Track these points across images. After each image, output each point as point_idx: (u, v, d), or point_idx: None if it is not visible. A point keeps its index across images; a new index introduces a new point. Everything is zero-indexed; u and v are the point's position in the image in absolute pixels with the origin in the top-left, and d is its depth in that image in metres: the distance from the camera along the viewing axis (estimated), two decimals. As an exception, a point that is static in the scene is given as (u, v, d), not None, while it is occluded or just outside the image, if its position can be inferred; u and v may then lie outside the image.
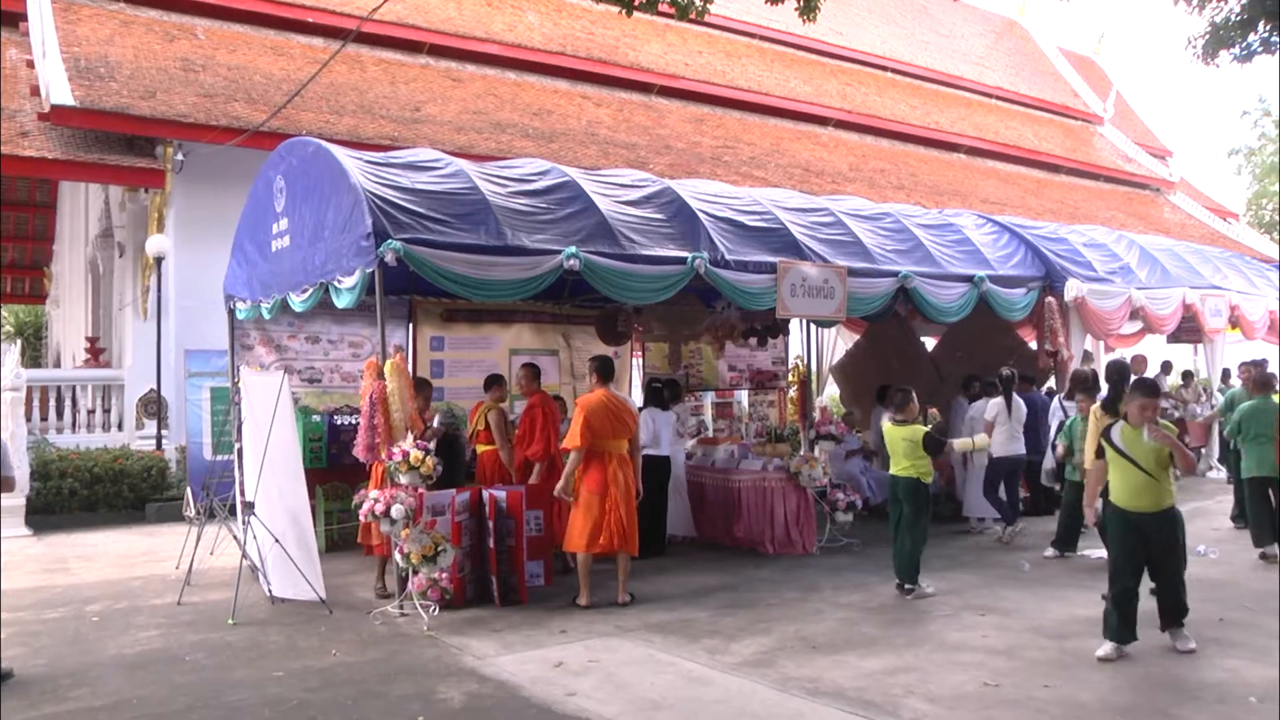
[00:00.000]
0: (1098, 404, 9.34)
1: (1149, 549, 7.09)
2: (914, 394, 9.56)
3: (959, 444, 11.42)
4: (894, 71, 31.13)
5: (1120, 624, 7.03)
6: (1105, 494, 7.47)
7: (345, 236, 8.64)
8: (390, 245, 8.10)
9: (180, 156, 15.94)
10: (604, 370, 9.24)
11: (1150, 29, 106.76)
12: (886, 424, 9.48)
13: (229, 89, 16.96)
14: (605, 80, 23.32)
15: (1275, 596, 8.90)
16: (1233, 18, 10.30)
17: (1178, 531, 7.18)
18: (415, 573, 8.28)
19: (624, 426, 9.02)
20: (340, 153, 9.17)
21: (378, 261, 8.12)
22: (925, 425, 9.56)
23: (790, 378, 15.42)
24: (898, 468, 9.21)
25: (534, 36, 22.88)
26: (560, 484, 8.89)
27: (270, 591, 9.06)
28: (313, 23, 19.66)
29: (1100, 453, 7.43)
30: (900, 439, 9.15)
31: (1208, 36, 10.54)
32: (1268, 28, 10.24)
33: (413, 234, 8.34)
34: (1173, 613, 7.21)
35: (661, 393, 11.57)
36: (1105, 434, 7.30)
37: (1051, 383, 13.78)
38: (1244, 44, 10.40)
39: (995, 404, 11.94)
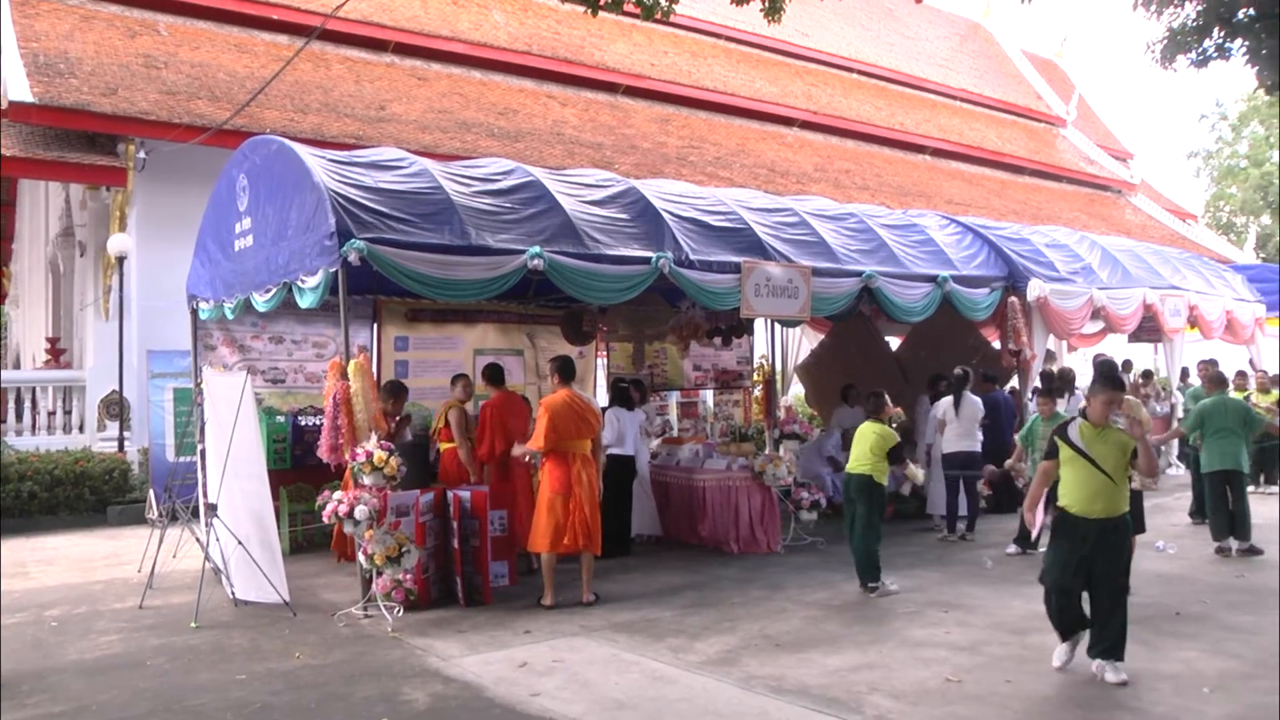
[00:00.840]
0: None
1: (1092, 560, 6.42)
2: (886, 396, 9.66)
3: (908, 473, 11.30)
4: (859, 73, 31.25)
5: (1075, 622, 6.64)
6: (1051, 498, 6.99)
7: (308, 236, 8.60)
8: (354, 245, 8.07)
9: (142, 154, 15.79)
10: (565, 370, 9.22)
11: (1111, 33, 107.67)
12: (864, 423, 9.50)
13: (192, 86, 16.83)
14: (571, 80, 23.31)
15: (1230, 590, 9.07)
16: (1189, 24, 10.40)
17: (1125, 542, 6.66)
18: (379, 574, 8.25)
19: (587, 426, 9.03)
20: (303, 151, 9.13)
21: (341, 261, 8.10)
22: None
23: (755, 377, 15.48)
24: (855, 464, 9.26)
25: (499, 35, 22.83)
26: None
27: (233, 594, 8.99)
28: (277, 20, 19.53)
29: (1052, 452, 6.75)
30: (873, 433, 9.21)
31: (1165, 42, 10.63)
32: (1221, 34, 10.35)
33: (376, 233, 8.32)
34: (1110, 641, 6.43)
35: (627, 392, 11.58)
36: (1061, 432, 6.68)
37: (1014, 381, 13.90)
38: (1200, 49, 10.50)
39: (944, 403, 12.05)
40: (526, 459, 9.56)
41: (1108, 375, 6.73)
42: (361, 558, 8.25)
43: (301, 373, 12.46)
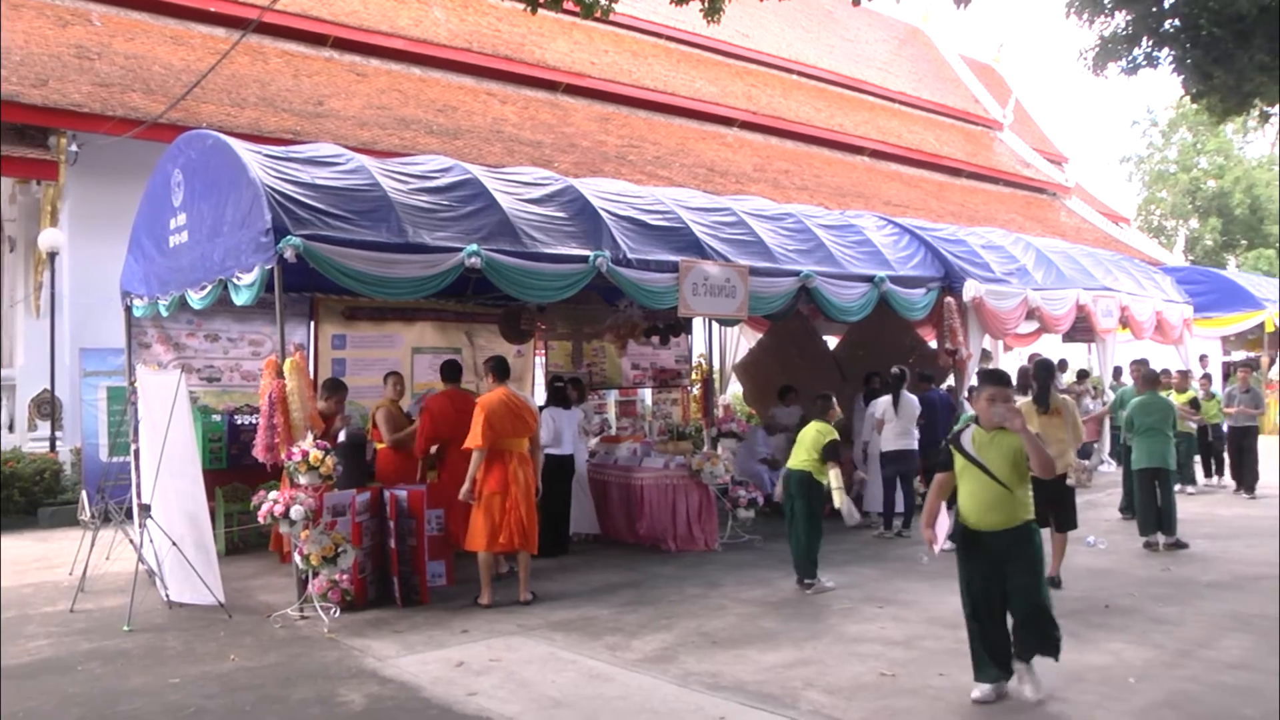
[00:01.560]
0: (1029, 398, 9.49)
1: (1004, 574, 5.95)
2: (834, 399, 9.75)
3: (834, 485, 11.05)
4: (799, 74, 31.45)
5: (990, 661, 6.06)
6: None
7: (244, 232, 8.52)
8: (290, 241, 8.00)
9: (74, 148, 15.55)
10: (500, 370, 9.26)
11: (1047, 40, 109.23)
12: (813, 424, 9.57)
13: (126, 78, 16.59)
14: (511, 77, 23.26)
15: (1157, 583, 9.29)
16: (1119, 32, 10.59)
17: (1035, 552, 6.00)
18: (315, 574, 8.20)
19: (524, 425, 9.05)
20: (239, 146, 9.04)
21: (277, 258, 8.02)
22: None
23: (693, 376, 15.54)
24: (795, 460, 9.34)
25: (439, 32, 22.73)
26: (464, 488, 8.83)
27: (168, 596, 8.87)
28: (214, 12, 19.29)
29: (947, 462, 6.30)
30: (815, 430, 9.30)
31: (1097, 49, 10.81)
32: (1150, 43, 10.55)
33: (313, 230, 8.25)
34: (1035, 644, 6.04)
35: (564, 391, 11.59)
36: (955, 439, 6.22)
37: (950, 380, 14.06)
38: (1130, 58, 10.70)
39: (882, 402, 12.18)
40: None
41: (988, 371, 6.36)
42: (297, 558, 8.18)
43: (238, 371, 12.35)
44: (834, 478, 9.17)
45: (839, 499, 9.20)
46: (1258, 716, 5.76)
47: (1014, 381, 6.62)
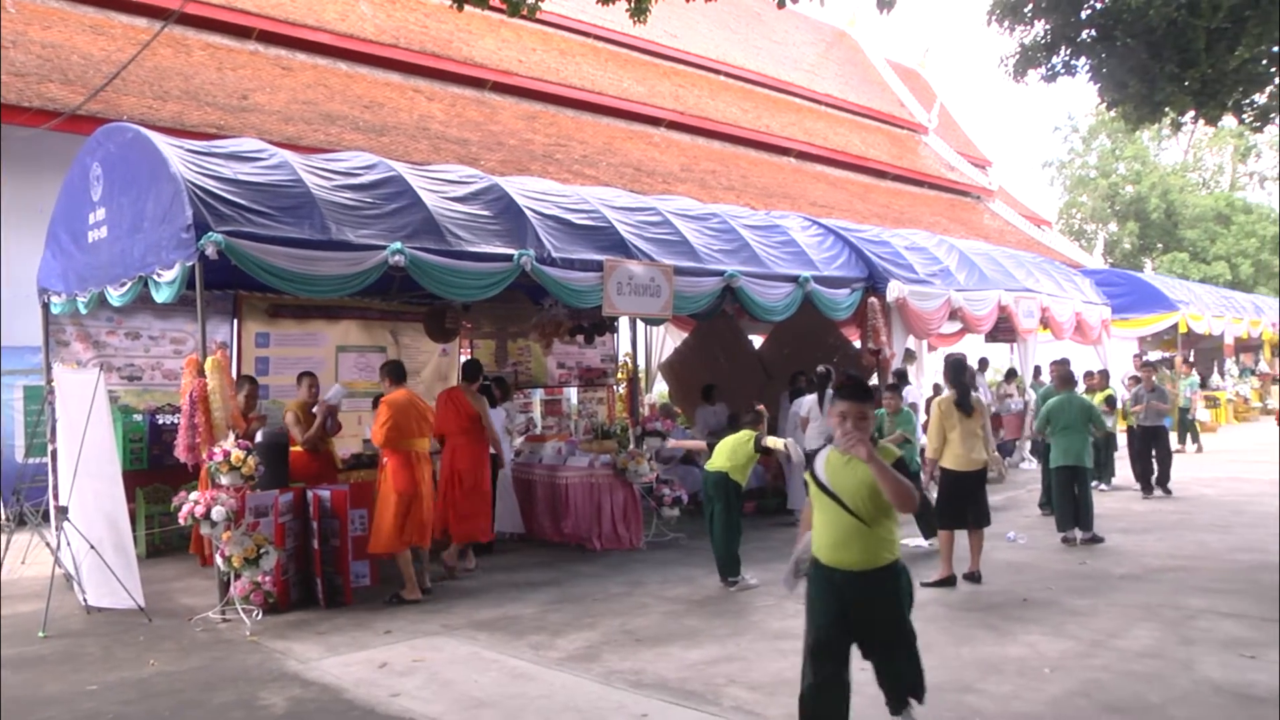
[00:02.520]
0: (948, 395, 9.69)
1: (858, 621, 4.93)
2: (764, 413, 9.94)
3: (771, 441, 11.51)
4: (727, 75, 31.60)
5: (831, 711, 5.03)
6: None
7: (165, 228, 8.43)
8: (211, 238, 7.92)
9: (-12, 140, 15.23)
10: (396, 373, 9.50)
11: (971, 46, 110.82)
12: (743, 433, 9.69)
13: (43, 68, 16.24)
14: (438, 74, 23.12)
15: (1074, 576, 9.52)
16: (1039, 41, 10.83)
17: (899, 598, 4.98)
18: (237, 576, 8.13)
19: (427, 424, 9.39)
20: (160, 140, 8.94)
21: (198, 255, 7.95)
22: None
23: (619, 375, 15.59)
24: (714, 463, 9.47)
25: (366, 27, 22.54)
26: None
27: (85, 601, 8.73)
28: (136, 0, 18.98)
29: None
30: (735, 436, 9.44)
31: (1017, 57, 11.05)
32: (1068, 52, 10.80)
33: (235, 226, 8.18)
34: (904, 691, 5.17)
35: (489, 390, 11.58)
36: (809, 464, 5.10)
37: (874, 380, 14.23)
38: (1049, 66, 10.94)
39: (808, 401, 12.31)
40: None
41: (845, 381, 5.02)
42: (219, 560, 8.12)
43: (159, 370, 12.20)
44: (770, 442, 9.58)
45: (777, 443, 9.67)
46: (1163, 702, 5.95)
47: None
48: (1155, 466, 14.89)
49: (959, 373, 9.77)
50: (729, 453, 9.39)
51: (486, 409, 10.58)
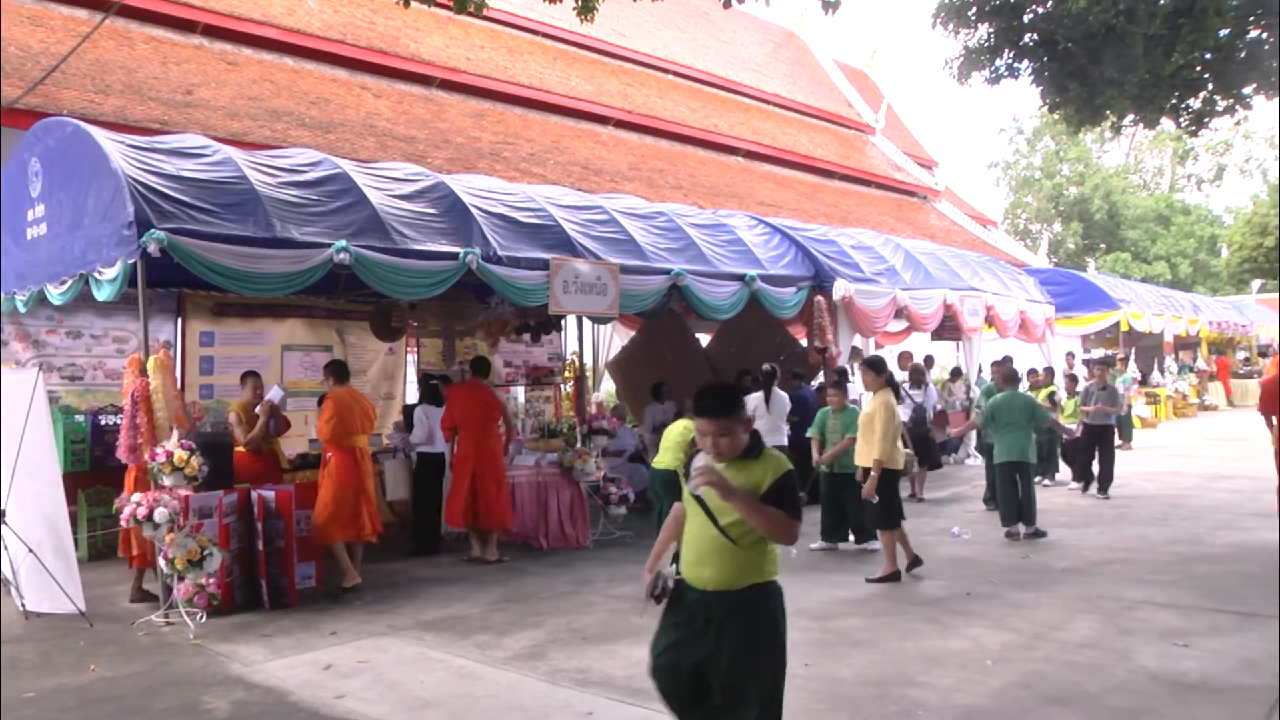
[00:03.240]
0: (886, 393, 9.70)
1: (715, 652, 4.04)
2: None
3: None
4: (675, 74, 31.61)
5: None
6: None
7: (106, 225, 8.34)
8: (153, 235, 7.85)
9: (-76, 134, 14.96)
10: (339, 372, 9.68)
11: (919, 47, 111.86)
12: (682, 420, 9.74)
13: (-21, 63, 16.01)
14: (385, 71, 22.96)
15: (1017, 570, 9.66)
16: (983, 44, 10.97)
17: (762, 628, 4.08)
18: (181, 579, 8.05)
19: (369, 421, 9.62)
20: (100, 135, 8.84)
21: (140, 252, 7.87)
22: None
23: (566, 374, 15.59)
24: (662, 460, 9.51)
25: (313, 22, 22.35)
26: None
27: (23, 606, 8.60)
28: (76, -7, 18.71)
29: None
30: (682, 427, 9.48)
31: (962, 59, 11.20)
32: (1011, 55, 10.96)
33: (178, 224, 8.11)
34: None
35: (437, 389, 11.56)
36: (686, 465, 4.35)
37: (821, 377, 14.35)
38: (993, 68, 11.10)
39: (754, 398, 12.36)
40: None
41: (702, 392, 4.30)
42: (162, 563, 8.03)
43: (101, 369, 12.05)
44: None
45: None
46: (1100, 691, 6.07)
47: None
48: (1098, 466, 14.80)
49: (880, 370, 9.75)
50: (675, 447, 9.42)
51: (505, 402, 11.04)
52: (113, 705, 6.29)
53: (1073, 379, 16.84)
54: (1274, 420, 12.06)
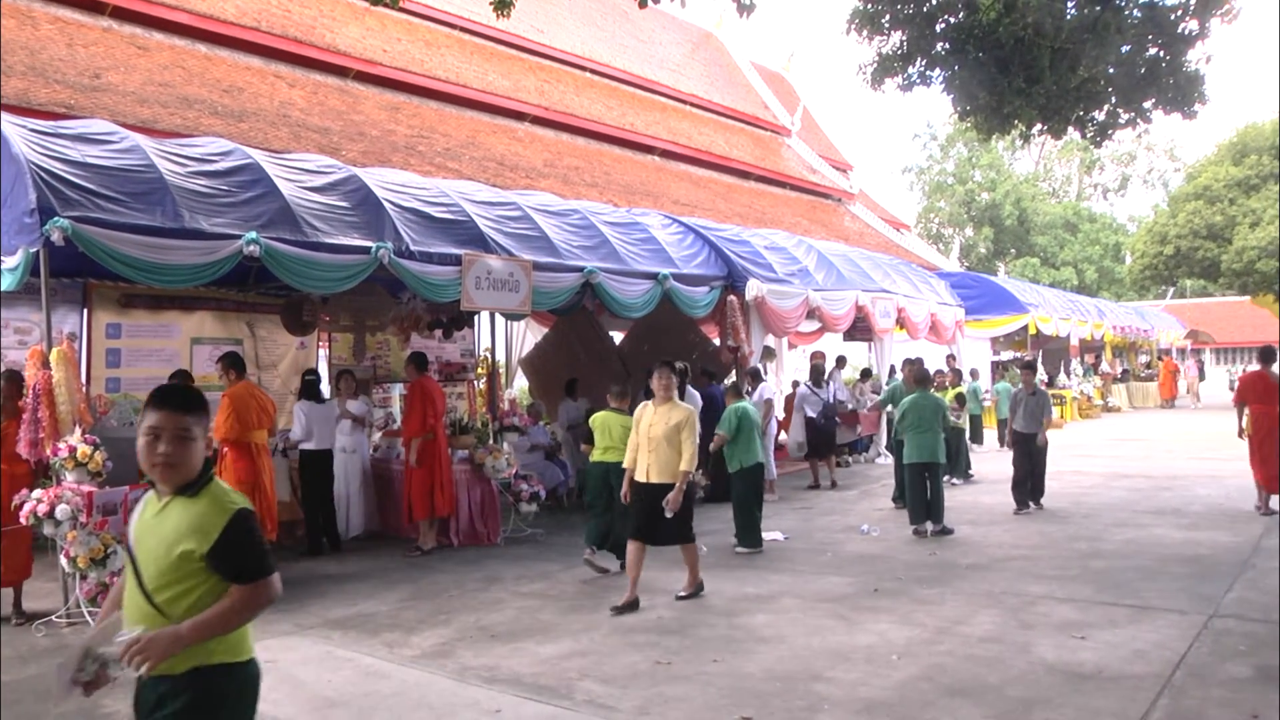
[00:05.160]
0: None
1: None
2: (627, 390, 10.01)
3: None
4: (592, 72, 31.62)
5: None
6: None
7: (7, 212, 8.14)
8: (57, 223, 7.67)
9: None
10: (236, 365, 9.71)
11: (835, 52, 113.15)
12: (605, 412, 9.73)
13: (-126, 44, 15.54)
14: (300, 60, 22.66)
15: (923, 566, 9.86)
16: (896, 51, 11.16)
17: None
18: (84, 577, 7.89)
19: (267, 416, 9.62)
20: (2, 119, 8.61)
21: (43, 240, 7.69)
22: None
23: (479, 370, 15.54)
24: (600, 455, 9.54)
25: (227, 8, 21.98)
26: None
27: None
28: (-23, -25, 18.24)
29: None
30: (619, 425, 9.46)
31: (875, 66, 11.38)
32: (923, 63, 11.16)
33: (82, 212, 7.94)
34: None
35: (315, 385, 11.41)
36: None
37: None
38: (905, 75, 11.29)
39: None
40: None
41: (160, 389, 3.47)
42: (64, 561, 7.86)
43: (2, 361, 11.73)
44: None
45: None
46: (1000, 683, 6.24)
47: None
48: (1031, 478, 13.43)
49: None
50: (617, 439, 9.40)
51: None
52: (9, 712, 6.15)
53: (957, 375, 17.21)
54: (1246, 411, 12.52)
